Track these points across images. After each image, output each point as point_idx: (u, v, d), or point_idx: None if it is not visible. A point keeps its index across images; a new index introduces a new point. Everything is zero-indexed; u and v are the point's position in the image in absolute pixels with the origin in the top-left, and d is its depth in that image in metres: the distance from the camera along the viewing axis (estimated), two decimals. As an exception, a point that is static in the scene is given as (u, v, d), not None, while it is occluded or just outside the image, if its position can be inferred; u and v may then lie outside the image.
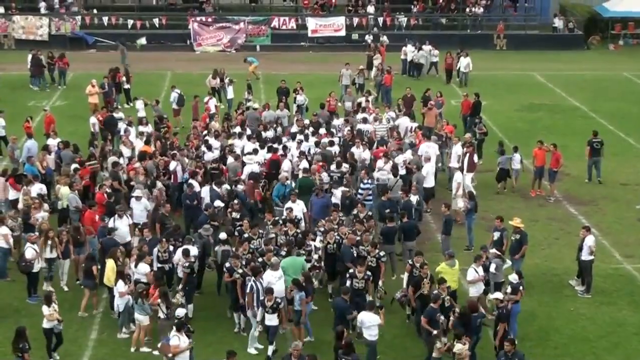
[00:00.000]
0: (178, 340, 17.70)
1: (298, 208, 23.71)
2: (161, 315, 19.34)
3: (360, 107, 33.98)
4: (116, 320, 20.53)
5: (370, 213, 23.96)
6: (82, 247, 22.40)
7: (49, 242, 21.81)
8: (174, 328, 17.91)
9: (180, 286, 20.53)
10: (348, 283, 19.92)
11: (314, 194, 24.56)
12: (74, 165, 26.71)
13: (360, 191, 25.79)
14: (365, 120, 32.04)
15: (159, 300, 19.41)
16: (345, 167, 26.93)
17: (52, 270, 22.15)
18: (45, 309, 19.00)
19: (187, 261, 20.46)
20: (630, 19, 58.14)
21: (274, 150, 28.01)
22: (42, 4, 55.03)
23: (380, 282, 20.94)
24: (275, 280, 19.66)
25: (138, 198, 24.23)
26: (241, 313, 20.17)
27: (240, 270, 20.00)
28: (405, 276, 20.75)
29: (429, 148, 28.91)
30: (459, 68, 44.48)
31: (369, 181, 26.10)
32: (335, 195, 25.00)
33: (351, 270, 20.08)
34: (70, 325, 20.53)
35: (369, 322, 18.48)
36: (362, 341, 18.62)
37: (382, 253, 21.16)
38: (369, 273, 20.15)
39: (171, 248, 21.17)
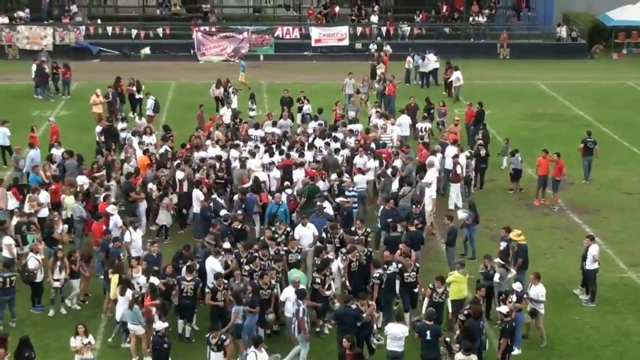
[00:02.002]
0: (255, 357, 17.31)
1: (308, 233, 22.84)
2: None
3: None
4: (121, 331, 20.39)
5: (369, 230, 23.37)
6: (89, 263, 22.36)
7: (58, 262, 21.38)
8: (252, 345, 17.61)
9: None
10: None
11: (314, 213, 23.93)
12: (85, 178, 26.67)
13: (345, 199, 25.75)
14: (357, 121, 33.33)
15: (154, 311, 19.27)
16: (346, 176, 27.02)
17: (63, 292, 21.75)
18: (72, 341, 18.24)
19: (192, 277, 20.19)
20: (634, 27, 58.13)
21: (287, 155, 28.22)
22: (19, 14, 54.94)
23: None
24: (294, 297, 19.30)
25: (111, 215, 24.14)
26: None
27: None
28: (425, 301, 20.06)
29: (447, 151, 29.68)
30: (451, 82, 43.63)
31: (354, 189, 26.14)
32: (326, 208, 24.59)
33: (354, 307, 19.32)
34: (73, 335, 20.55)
35: (402, 333, 18.38)
36: (388, 353, 18.50)
37: (376, 274, 20.63)
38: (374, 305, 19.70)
39: (197, 266, 20.82)
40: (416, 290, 20.83)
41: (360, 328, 18.98)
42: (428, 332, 18.18)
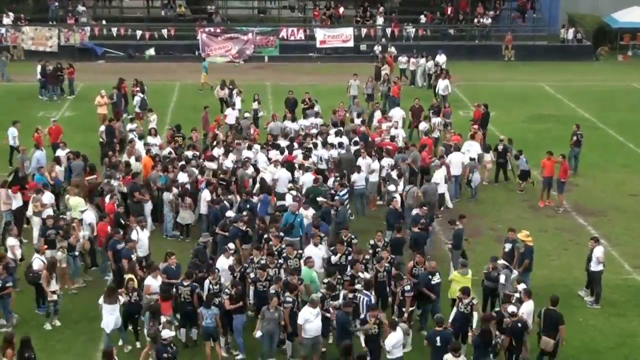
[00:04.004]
0: None
1: (319, 254, 21.78)
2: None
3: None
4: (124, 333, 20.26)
5: (387, 240, 22.77)
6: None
7: (54, 274, 20.96)
8: None
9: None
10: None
11: (310, 223, 23.49)
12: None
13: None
14: (359, 115, 34.01)
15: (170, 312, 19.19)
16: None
17: (58, 305, 21.21)
18: None
19: (189, 282, 20.02)
20: (639, 29, 58.06)
21: (289, 151, 28.56)
22: (10, 16, 54.98)
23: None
24: (313, 317, 18.75)
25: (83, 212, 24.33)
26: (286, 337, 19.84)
27: (290, 299, 19.34)
28: (453, 312, 19.72)
29: (471, 146, 30.52)
30: (437, 91, 41.52)
31: (344, 191, 26.12)
32: (306, 216, 24.11)
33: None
34: (77, 337, 20.60)
35: (398, 339, 18.21)
36: None
37: (407, 287, 20.12)
38: (382, 317, 19.26)
39: (222, 280, 20.30)
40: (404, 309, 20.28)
41: (367, 342, 18.71)
42: (438, 339, 18.02)
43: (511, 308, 18.85)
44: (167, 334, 17.95)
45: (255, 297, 20.31)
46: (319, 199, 25.50)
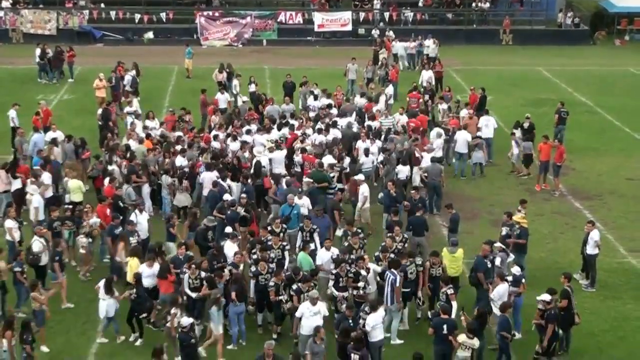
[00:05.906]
0: None
1: (327, 255, 20.88)
2: None
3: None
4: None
5: (407, 236, 22.09)
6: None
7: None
8: None
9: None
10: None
11: (313, 214, 22.91)
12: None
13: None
14: (362, 95, 34.40)
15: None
16: (347, 161, 27.30)
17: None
18: None
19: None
20: (636, 14, 58.09)
21: (292, 129, 28.89)
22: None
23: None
24: (309, 314, 18.32)
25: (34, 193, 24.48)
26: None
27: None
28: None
29: (489, 122, 31.72)
30: (421, 82, 39.20)
31: (333, 173, 26.16)
32: (302, 205, 23.86)
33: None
34: (77, 318, 20.75)
35: (380, 319, 18.36)
36: (377, 343, 18.35)
37: (419, 261, 20.36)
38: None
39: (202, 274, 19.71)
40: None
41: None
42: (445, 327, 18.02)
43: (546, 296, 18.75)
44: (186, 321, 17.86)
45: (256, 291, 20.02)
46: (305, 179, 25.42)
